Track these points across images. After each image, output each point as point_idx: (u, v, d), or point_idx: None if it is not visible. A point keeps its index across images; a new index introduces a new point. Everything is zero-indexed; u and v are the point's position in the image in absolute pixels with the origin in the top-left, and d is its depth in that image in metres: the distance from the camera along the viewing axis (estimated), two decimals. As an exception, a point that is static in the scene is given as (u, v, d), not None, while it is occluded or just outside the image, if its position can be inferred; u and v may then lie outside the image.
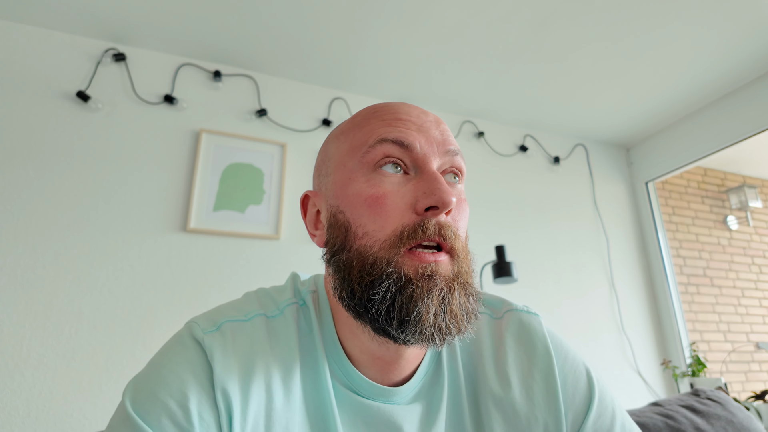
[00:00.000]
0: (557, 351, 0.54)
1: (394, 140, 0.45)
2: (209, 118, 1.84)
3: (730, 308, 3.03)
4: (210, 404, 0.41)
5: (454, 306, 0.43)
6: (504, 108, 2.28)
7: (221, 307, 0.50)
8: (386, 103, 0.51)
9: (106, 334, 1.48)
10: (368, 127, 0.48)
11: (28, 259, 1.46)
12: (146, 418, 0.39)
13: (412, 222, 0.43)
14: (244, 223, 1.75)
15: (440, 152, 0.47)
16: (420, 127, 0.47)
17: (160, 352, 0.45)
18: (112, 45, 1.76)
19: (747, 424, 0.97)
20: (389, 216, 0.44)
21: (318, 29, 1.72)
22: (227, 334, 0.45)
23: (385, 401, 0.48)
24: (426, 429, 0.48)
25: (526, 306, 0.58)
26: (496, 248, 1.81)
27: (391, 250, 0.43)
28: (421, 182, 0.45)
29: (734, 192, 3.29)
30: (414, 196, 0.44)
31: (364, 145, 0.47)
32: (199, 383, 0.42)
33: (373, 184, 0.45)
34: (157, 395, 0.41)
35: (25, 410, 1.34)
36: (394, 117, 0.48)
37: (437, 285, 0.42)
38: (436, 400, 0.49)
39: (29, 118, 1.58)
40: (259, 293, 0.53)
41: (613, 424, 0.51)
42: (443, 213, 0.44)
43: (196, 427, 0.40)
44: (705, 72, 2.01)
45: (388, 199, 0.44)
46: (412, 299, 0.42)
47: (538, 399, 0.50)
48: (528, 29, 1.73)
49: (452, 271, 0.44)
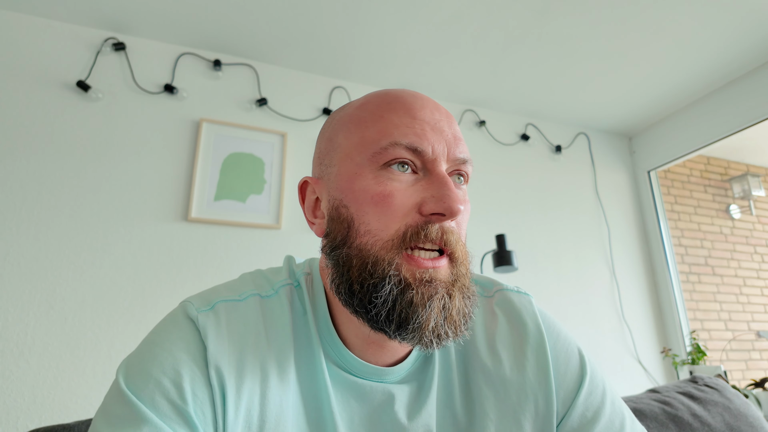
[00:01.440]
0: (549, 330, 0.55)
1: (407, 145, 0.45)
2: (209, 107, 1.84)
3: (731, 297, 3.03)
4: (204, 382, 0.41)
5: (454, 312, 0.43)
6: (505, 96, 2.27)
7: (216, 288, 0.50)
8: (400, 95, 0.50)
9: (109, 322, 1.50)
10: (381, 123, 0.47)
11: (31, 249, 1.48)
12: (140, 395, 0.40)
13: (415, 223, 0.43)
14: (245, 213, 1.75)
15: (451, 154, 0.47)
16: (434, 127, 0.47)
17: (154, 331, 0.45)
18: (111, 34, 1.75)
19: (744, 410, 0.98)
20: (394, 215, 0.44)
21: (318, 18, 1.71)
22: (221, 314, 0.46)
23: (377, 380, 0.49)
24: (416, 407, 0.48)
25: (517, 286, 0.58)
26: (497, 237, 1.81)
27: (392, 250, 0.43)
28: (430, 185, 0.45)
29: (737, 181, 3.27)
30: (421, 197, 0.44)
31: (376, 144, 0.46)
32: (192, 361, 0.42)
33: (380, 181, 0.45)
34: (150, 373, 0.41)
35: (31, 397, 1.36)
36: (409, 115, 0.47)
37: (438, 292, 0.43)
38: (428, 380, 0.50)
39: (30, 109, 1.58)
40: (255, 274, 0.53)
41: (603, 402, 0.52)
42: (449, 219, 0.44)
43: (189, 404, 0.40)
44: (708, 60, 1.99)
45: (395, 198, 0.44)
46: (411, 305, 0.42)
47: (529, 375, 0.51)
48: (529, 16, 1.72)
49: (451, 275, 0.44)
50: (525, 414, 0.50)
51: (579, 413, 0.51)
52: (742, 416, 0.96)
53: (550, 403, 0.50)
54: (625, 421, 0.52)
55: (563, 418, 0.51)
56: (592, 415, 0.51)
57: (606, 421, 0.51)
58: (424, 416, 0.48)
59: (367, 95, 0.52)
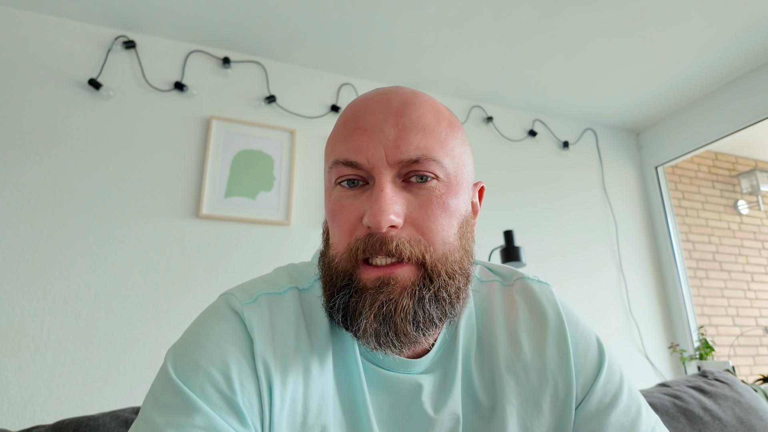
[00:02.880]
0: (569, 318, 0.56)
1: (344, 162, 0.45)
2: (219, 104, 1.85)
3: (739, 293, 3.03)
4: (251, 374, 0.43)
5: (398, 320, 0.43)
6: (512, 92, 2.27)
7: (254, 281, 0.51)
8: (355, 103, 0.49)
9: (123, 317, 1.52)
10: (332, 142, 0.48)
11: (46, 245, 1.50)
12: (190, 384, 0.41)
13: (361, 236, 0.44)
14: (255, 209, 1.77)
15: (391, 158, 0.44)
16: (372, 133, 0.45)
17: (198, 323, 0.46)
18: (122, 32, 1.77)
19: (754, 404, 0.98)
20: (344, 230, 0.46)
21: (326, 15, 1.71)
22: (264, 306, 0.47)
23: (404, 371, 0.50)
24: (442, 395, 0.49)
25: (537, 276, 0.59)
26: (505, 233, 1.82)
27: (347, 262, 0.45)
28: (370, 195, 0.44)
29: (745, 176, 3.26)
30: (363, 209, 0.45)
31: (327, 164, 0.48)
32: (240, 353, 0.43)
33: (334, 198, 0.47)
34: (199, 363, 0.42)
35: (47, 391, 1.39)
36: (349, 127, 0.46)
37: (379, 298, 0.43)
38: (452, 368, 0.51)
39: (43, 107, 1.60)
40: (289, 268, 0.54)
41: (621, 389, 0.53)
42: (378, 231, 0.43)
43: (238, 394, 0.41)
44: (716, 55, 1.98)
45: (343, 214, 0.46)
46: (355, 311, 0.44)
47: (549, 360, 0.52)
48: (536, 13, 1.72)
49: (413, 278, 0.44)
50: (545, 397, 0.51)
51: (597, 398, 0.52)
52: (753, 410, 0.97)
53: (569, 388, 0.51)
54: (641, 408, 0.53)
55: (581, 403, 0.52)
56: (609, 400, 0.52)
57: (623, 406, 0.52)
58: (450, 404, 0.49)
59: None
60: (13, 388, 1.36)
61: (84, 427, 0.65)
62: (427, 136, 0.45)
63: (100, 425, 0.66)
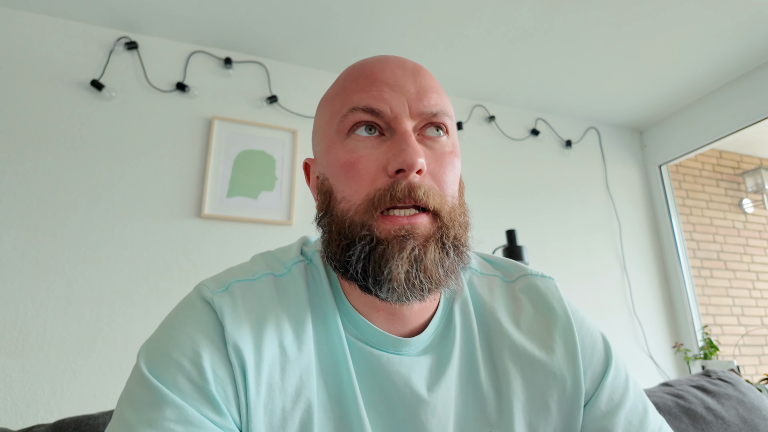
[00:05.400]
0: (574, 315, 0.55)
1: (364, 108, 0.46)
2: (221, 105, 1.85)
3: (744, 292, 3.01)
4: (223, 361, 0.42)
5: (428, 263, 0.44)
6: (515, 91, 2.26)
7: (230, 270, 0.51)
8: (364, 63, 0.50)
9: (125, 316, 1.52)
10: (344, 94, 0.48)
11: (49, 246, 1.50)
12: (161, 378, 0.40)
13: (383, 185, 0.44)
14: (257, 209, 1.77)
15: (414, 109, 0.46)
16: (393, 85, 0.47)
17: (171, 315, 0.46)
18: (124, 33, 1.78)
19: (758, 404, 0.98)
20: (363, 180, 0.45)
21: (327, 14, 1.72)
22: (236, 293, 0.46)
23: (394, 351, 0.49)
24: (434, 381, 0.48)
25: (541, 270, 0.58)
26: (507, 233, 1.82)
27: (365, 214, 0.44)
28: (393, 144, 0.45)
29: (750, 174, 3.24)
30: (386, 158, 0.45)
31: (339, 114, 0.48)
32: (210, 341, 0.43)
33: (348, 149, 0.46)
34: (171, 355, 0.42)
35: (51, 391, 1.39)
36: (367, 80, 0.48)
37: (408, 244, 0.43)
38: (446, 354, 0.50)
39: (46, 108, 1.61)
40: (266, 255, 0.54)
41: (627, 386, 0.53)
42: (413, 173, 0.44)
43: (210, 382, 0.41)
44: (720, 52, 1.97)
45: (361, 164, 0.45)
46: (383, 258, 0.43)
47: (557, 357, 0.51)
48: (539, 10, 1.71)
49: (431, 229, 0.45)
50: (552, 395, 0.50)
51: (606, 396, 0.51)
52: (756, 410, 0.96)
53: (578, 386, 0.50)
54: (648, 406, 0.53)
55: (590, 401, 0.51)
56: (618, 398, 0.51)
57: (631, 404, 0.51)
58: (443, 389, 0.48)
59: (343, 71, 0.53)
60: (16, 387, 1.37)
61: (84, 426, 0.66)
62: (440, 96, 0.49)
63: (99, 424, 0.66)
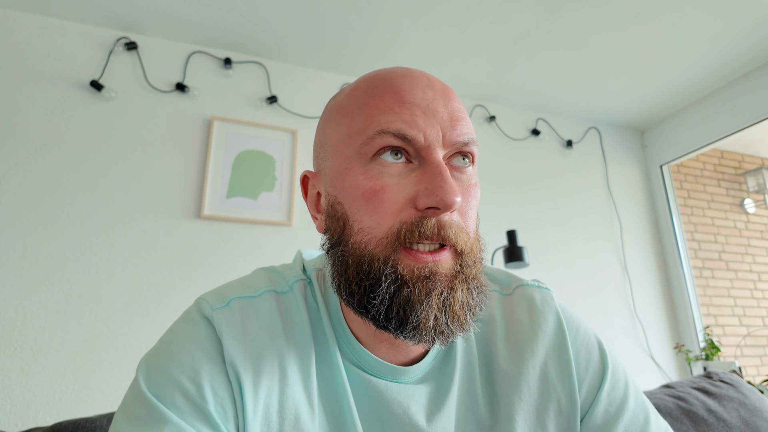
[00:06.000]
0: (569, 325, 0.53)
1: (395, 133, 0.41)
2: (221, 105, 1.85)
3: (745, 292, 3.00)
4: (223, 379, 0.41)
5: (456, 307, 0.41)
6: (515, 91, 2.25)
7: (231, 284, 0.49)
8: (388, 76, 0.46)
9: (125, 318, 1.52)
10: (367, 111, 0.43)
11: (48, 246, 1.50)
12: (160, 395, 0.40)
13: (410, 219, 0.41)
14: (257, 210, 1.77)
15: (447, 139, 0.43)
16: (426, 109, 0.43)
17: (171, 330, 0.45)
18: (123, 34, 1.77)
19: (759, 405, 0.97)
20: (387, 212, 0.41)
21: (327, 14, 1.71)
22: (236, 311, 0.45)
23: (392, 380, 0.47)
24: (434, 409, 0.47)
25: (537, 280, 0.56)
26: (508, 233, 1.81)
27: (387, 248, 0.41)
28: (424, 175, 0.41)
29: (752, 174, 3.23)
30: (415, 190, 0.41)
31: (363, 134, 0.43)
32: (209, 359, 0.42)
33: (371, 176, 0.42)
34: (170, 372, 0.41)
35: (50, 392, 1.39)
36: (396, 99, 0.43)
37: (436, 287, 0.40)
38: (446, 381, 0.48)
39: (45, 109, 1.61)
40: (269, 270, 0.52)
41: (627, 396, 0.51)
42: (444, 212, 0.41)
43: (209, 402, 0.40)
44: (721, 52, 1.96)
45: (386, 194, 0.41)
46: (409, 302, 0.40)
47: (551, 374, 0.50)
48: (540, 10, 1.70)
49: (454, 268, 0.42)
50: (548, 413, 0.49)
51: (602, 409, 0.50)
52: (758, 411, 0.95)
53: (573, 401, 0.49)
54: (650, 415, 0.51)
55: (586, 414, 0.50)
56: (615, 410, 0.50)
57: (630, 415, 0.50)
58: (443, 418, 0.46)
59: (358, 79, 0.48)
60: (15, 389, 1.36)
61: (81, 429, 0.65)
62: (469, 123, 0.46)
63: (97, 427, 0.66)
